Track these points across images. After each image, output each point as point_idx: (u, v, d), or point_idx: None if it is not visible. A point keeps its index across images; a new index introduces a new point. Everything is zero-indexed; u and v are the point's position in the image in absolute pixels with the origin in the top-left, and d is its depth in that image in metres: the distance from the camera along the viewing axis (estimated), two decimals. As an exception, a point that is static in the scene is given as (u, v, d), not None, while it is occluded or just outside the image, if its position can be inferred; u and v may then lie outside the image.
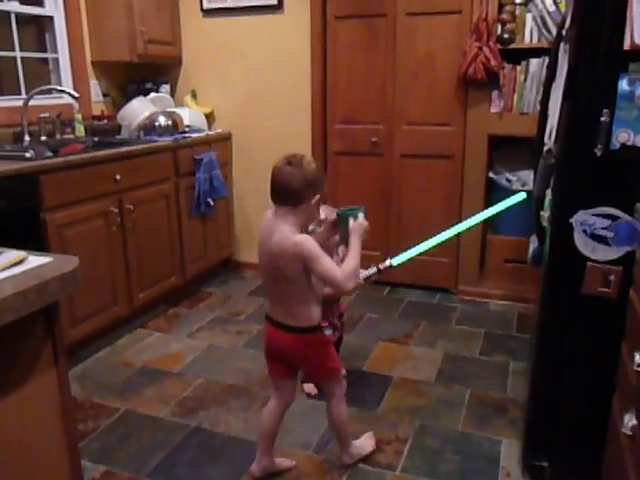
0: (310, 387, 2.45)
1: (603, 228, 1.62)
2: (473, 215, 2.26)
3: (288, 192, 1.68)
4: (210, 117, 3.83)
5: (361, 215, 1.82)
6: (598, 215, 1.62)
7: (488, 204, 3.42)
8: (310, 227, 2.02)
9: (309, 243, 1.66)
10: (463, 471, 1.98)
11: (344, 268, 1.69)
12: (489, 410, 2.33)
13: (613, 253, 1.63)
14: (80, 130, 3.29)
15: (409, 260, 2.13)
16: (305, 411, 2.33)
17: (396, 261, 2.09)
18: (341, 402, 1.95)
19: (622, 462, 1.42)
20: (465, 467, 2.00)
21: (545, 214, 1.88)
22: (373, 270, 2.06)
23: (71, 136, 3.25)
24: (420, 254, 2.15)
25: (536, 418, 1.93)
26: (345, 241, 1.85)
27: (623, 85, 1.52)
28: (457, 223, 2.25)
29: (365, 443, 2.09)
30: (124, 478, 1.96)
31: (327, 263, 1.66)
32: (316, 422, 2.25)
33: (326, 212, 1.99)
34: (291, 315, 1.76)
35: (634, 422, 1.35)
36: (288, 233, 1.67)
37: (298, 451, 2.09)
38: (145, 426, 2.25)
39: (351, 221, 1.80)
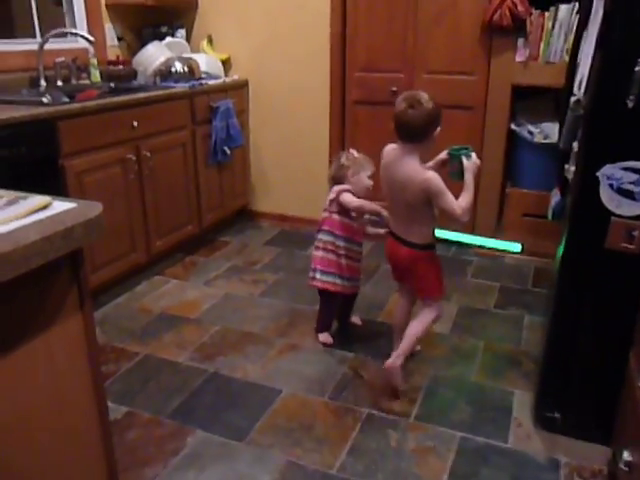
0: (325, 336, 2.49)
1: (630, 182, 1.58)
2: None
3: (414, 131, 1.90)
4: (227, 63, 3.75)
5: (473, 155, 1.97)
6: (626, 169, 1.58)
7: (509, 157, 3.38)
8: (366, 216, 2.32)
9: (436, 180, 1.89)
10: (475, 420, 2.02)
11: (460, 203, 1.90)
12: (503, 362, 2.36)
13: (639, 208, 1.60)
14: (96, 75, 3.24)
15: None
16: (321, 359, 2.37)
17: None
18: (426, 321, 2.14)
19: (637, 415, 1.43)
20: (477, 417, 2.04)
21: (570, 167, 1.84)
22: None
23: (87, 81, 3.21)
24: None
25: (550, 370, 1.94)
26: (456, 176, 1.99)
27: (661, 33, 1.45)
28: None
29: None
30: (145, 418, 2.03)
31: (449, 198, 1.89)
32: (332, 370, 2.30)
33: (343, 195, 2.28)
34: (408, 232, 2.05)
35: (652, 377, 1.35)
36: (418, 167, 1.93)
37: (314, 397, 2.14)
38: (164, 370, 2.30)
39: (464, 160, 1.95)
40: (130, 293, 2.93)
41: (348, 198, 2.30)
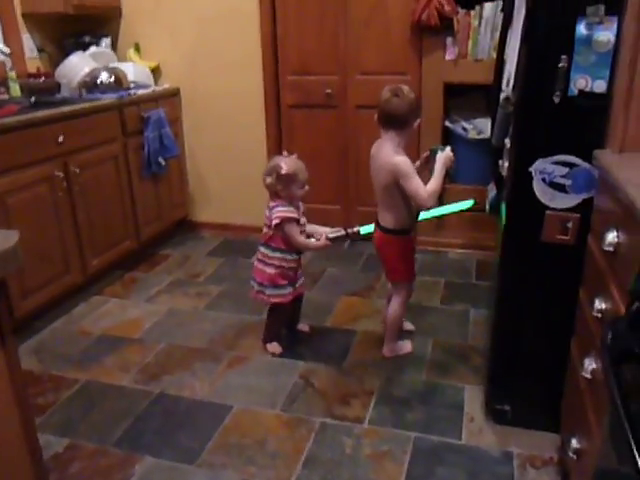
0: (274, 346, 2.45)
1: (562, 176, 1.62)
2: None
3: (396, 118, 2.05)
4: (156, 72, 3.65)
5: (447, 148, 2.13)
6: (557, 163, 1.61)
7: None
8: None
9: (404, 164, 2.03)
10: (429, 419, 2.03)
11: (427, 188, 2.03)
12: (452, 358, 2.38)
13: (571, 200, 1.64)
14: (15, 89, 3.08)
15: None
16: (271, 370, 2.33)
17: (364, 230, 2.34)
18: (401, 304, 2.30)
19: (582, 403, 1.46)
20: (431, 415, 2.05)
21: (504, 163, 1.87)
22: (341, 233, 2.30)
23: (5, 96, 3.04)
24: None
25: (498, 364, 1.97)
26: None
27: (581, 29, 1.49)
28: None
29: (404, 345, 2.42)
30: (89, 449, 1.93)
31: (415, 182, 2.02)
32: (283, 380, 2.26)
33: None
34: (383, 216, 2.20)
35: (594, 366, 1.38)
36: (391, 152, 2.06)
37: (266, 410, 2.10)
38: (107, 396, 2.20)
39: (439, 152, 2.11)
40: (67, 316, 2.80)
41: (293, 233, 2.26)
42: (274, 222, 2.25)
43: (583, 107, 1.56)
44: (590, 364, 1.39)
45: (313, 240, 2.31)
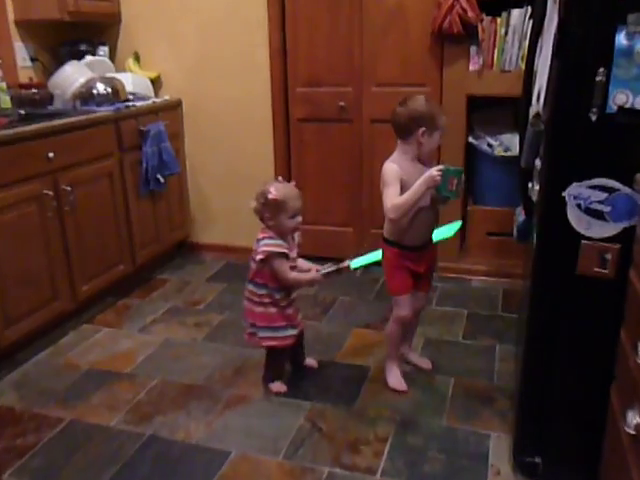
0: (277, 386, 2.38)
1: (599, 202, 1.56)
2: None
3: (397, 127, 2.16)
4: (156, 83, 3.65)
5: (456, 169, 2.11)
6: (594, 187, 1.55)
7: (468, 172, 3.38)
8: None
9: (387, 171, 2.13)
10: (449, 471, 1.94)
11: (396, 200, 2.09)
12: (475, 401, 2.30)
13: (610, 229, 1.57)
14: (5, 101, 3.08)
15: (367, 265, 2.42)
16: (274, 411, 2.27)
17: (355, 264, 2.32)
18: (395, 320, 2.33)
19: (624, 461, 1.38)
20: (451, 466, 1.96)
21: (534, 186, 1.81)
22: (332, 268, 2.27)
23: (-6, 108, 3.05)
24: (379, 262, 2.35)
25: (527, 409, 1.90)
26: (443, 191, 2.11)
27: (621, 39, 1.44)
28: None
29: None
30: (71, 499, 1.87)
31: (389, 192, 2.11)
32: (287, 423, 2.19)
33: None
34: (385, 225, 2.27)
35: (638, 420, 1.30)
36: (388, 160, 2.17)
37: (267, 457, 2.02)
38: (93, 437, 2.14)
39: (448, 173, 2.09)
40: (54, 347, 2.76)
41: (283, 269, 2.19)
42: (258, 257, 2.19)
43: (623, 125, 1.49)
44: (634, 418, 1.31)
45: (304, 275, 2.26)
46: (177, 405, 2.32)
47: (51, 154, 2.66)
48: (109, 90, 3.21)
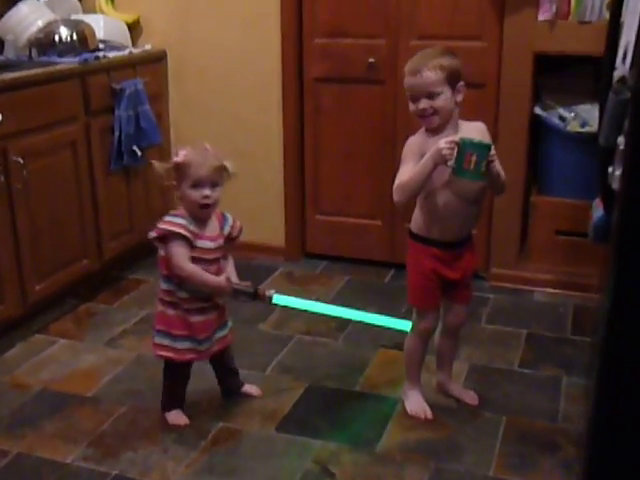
0: (175, 416, 2.42)
1: (701, 194, 1.57)
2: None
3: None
4: (135, 28, 3.72)
5: (473, 139, 2.10)
6: (693, 174, 1.56)
7: (533, 153, 3.39)
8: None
9: (408, 144, 2.32)
10: (496, 534, 1.98)
11: (398, 179, 2.24)
12: (533, 447, 2.32)
13: None
14: (-56, 48, 3.16)
15: (291, 308, 2.58)
16: (272, 450, 2.31)
17: (277, 299, 2.41)
18: (414, 334, 2.45)
19: None
20: (499, 529, 2.00)
21: (615, 172, 1.83)
22: (248, 290, 2.30)
23: None
24: (304, 310, 2.52)
25: (601, 459, 1.91)
26: (459, 172, 2.12)
27: None
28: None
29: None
30: None
31: (403, 168, 2.25)
32: (288, 467, 2.23)
33: None
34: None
35: None
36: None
37: (264, 509, 2.07)
38: (45, 476, 2.20)
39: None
40: (-3, 361, 2.84)
41: (177, 255, 2.20)
42: (150, 234, 2.25)
43: None
44: None
45: (209, 275, 2.25)
46: (151, 439, 2.36)
47: None
48: (75, 37, 3.27)
